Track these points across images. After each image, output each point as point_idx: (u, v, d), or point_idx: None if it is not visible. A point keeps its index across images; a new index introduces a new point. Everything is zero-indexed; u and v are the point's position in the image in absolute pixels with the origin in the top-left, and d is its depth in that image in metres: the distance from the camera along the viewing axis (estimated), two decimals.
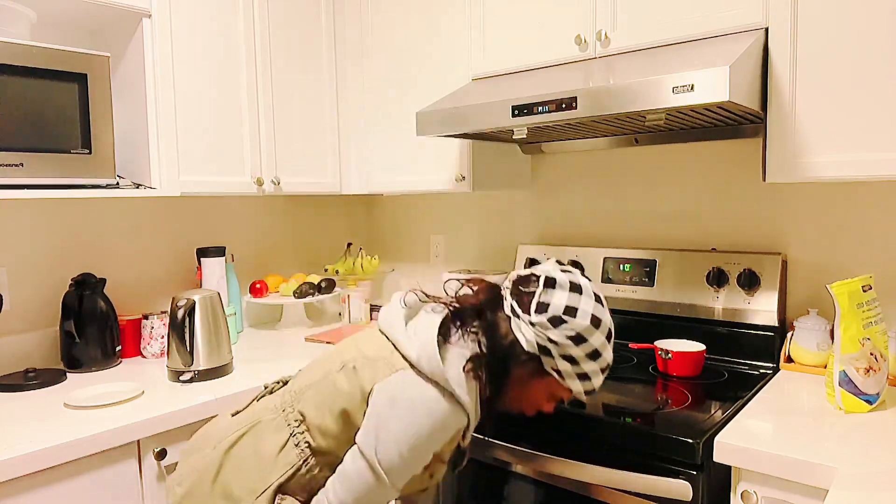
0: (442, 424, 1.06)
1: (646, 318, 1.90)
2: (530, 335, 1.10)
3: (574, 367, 1.10)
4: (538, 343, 1.10)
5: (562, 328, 1.08)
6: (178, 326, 1.64)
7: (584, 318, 1.09)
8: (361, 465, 1.06)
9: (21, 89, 1.45)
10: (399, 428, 1.05)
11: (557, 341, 1.09)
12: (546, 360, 1.11)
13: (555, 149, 2.12)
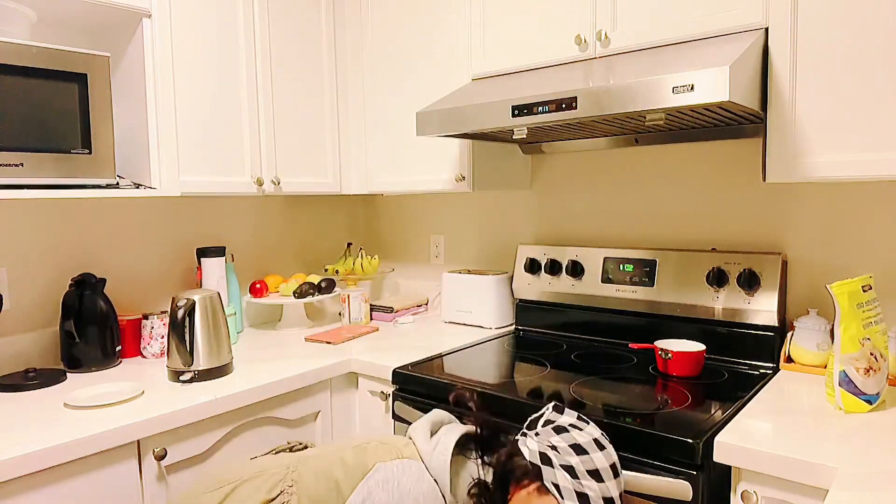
0: None
1: (646, 318, 1.90)
2: (533, 445, 1.11)
3: (574, 483, 1.08)
4: (540, 451, 1.10)
5: (564, 436, 1.11)
6: (178, 326, 1.64)
7: (588, 435, 1.12)
8: None
9: (21, 89, 1.45)
10: None
11: (558, 447, 1.10)
12: (546, 470, 1.09)
13: (555, 149, 2.12)
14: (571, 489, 1.07)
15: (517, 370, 1.75)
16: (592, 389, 1.54)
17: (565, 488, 1.07)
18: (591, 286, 2.00)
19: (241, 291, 2.28)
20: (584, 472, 1.08)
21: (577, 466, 1.08)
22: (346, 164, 2.30)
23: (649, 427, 1.29)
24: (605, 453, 1.11)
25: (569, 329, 2.08)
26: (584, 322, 2.04)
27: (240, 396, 1.58)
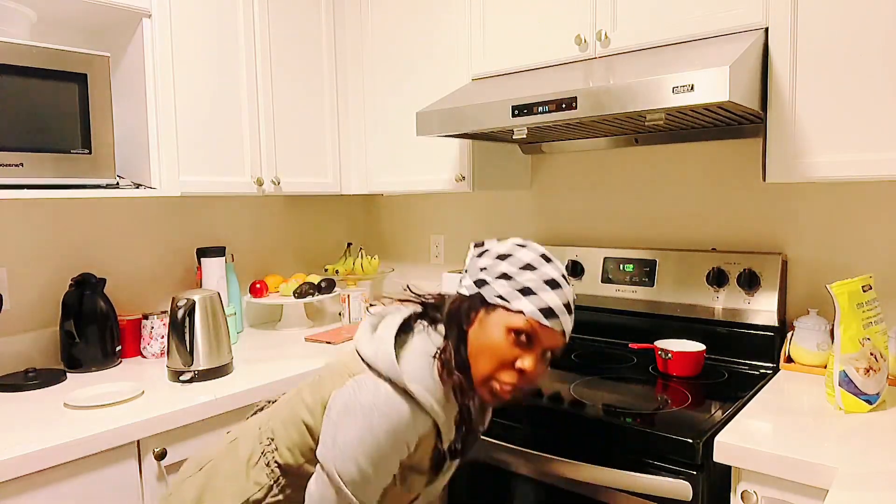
0: (400, 428, 0.98)
1: (646, 318, 1.90)
2: (467, 281, 1.07)
3: (511, 283, 1.02)
4: (474, 281, 1.06)
5: (488, 253, 1.07)
6: (178, 326, 1.64)
7: (510, 243, 1.08)
8: (322, 482, 1.00)
9: (21, 89, 1.45)
10: (354, 436, 0.97)
11: (486, 265, 1.06)
12: (485, 290, 1.04)
13: (555, 149, 2.12)
14: (512, 289, 1.02)
15: None
16: (592, 389, 1.54)
17: (508, 292, 1.02)
18: (591, 286, 2.00)
19: (241, 291, 2.28)
20: (517, 270, 1.03)
21: (510, 269, 1.04)
22: (346, 164, 2.30)
23: (649, 427, 1.29)
24: (530, 247, 1.07)
25: None
26: (584, 322, 2.04)
27: (240, 396, 1.58)
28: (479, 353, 1.03)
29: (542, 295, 1.02)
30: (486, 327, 1.03)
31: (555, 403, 1.45)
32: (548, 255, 1.07)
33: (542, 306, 1.01)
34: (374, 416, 0.97)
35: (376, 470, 0.98)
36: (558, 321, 1.02)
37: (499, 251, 1.07)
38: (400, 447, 0.99)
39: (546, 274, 1.03)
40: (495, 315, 1.03)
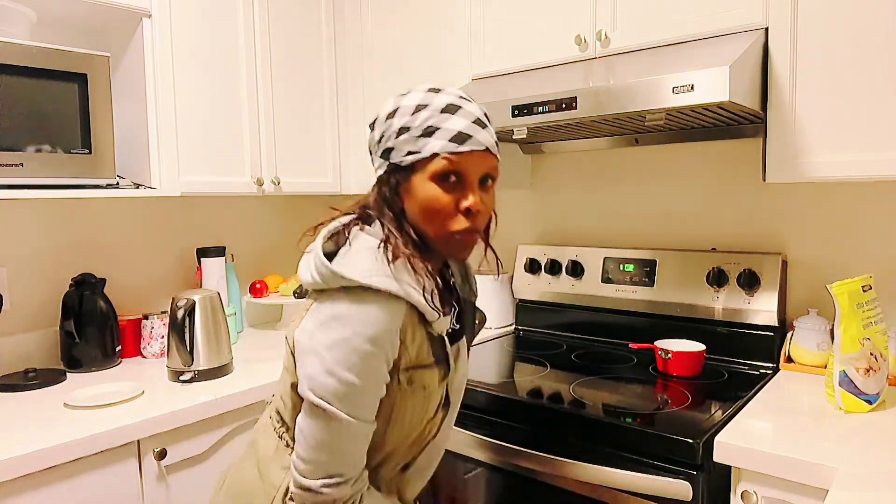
0: (371, 323, 0.89)
1: (646, 318, 1.90)
2: (376, 161, 1.00)
3: (411, 132, 0.94)
4: (377, 154, 1.00)
5: (377, 121, 1.00)
6: (178, 326, 1.64)
7: (391, 100, 1.00)
8: (306, 409, 0.92)
9: (21, 89, 1.45)
10: (324, 354, 0.90)
11: (382, 132, 0.98)
12: (394, 156, 0.97)
13: (555, 149, 2.12)
14: (414, 137, 0.95)
15: (517, 370, 1.75)
16: (592, 389, 1.54)
17: (413, 143, 0.95)
18: (591, 286, 2.00)
19: (241, 291, 2.28)
20: (409, 116, 0.95)
21: (402, 121, 0.96)
22: (346, 164, 2.30)
23: (649, 427, 1.29)
24: (409, 93, 0.99)
25: (569, 329, 2.08)
26: (584, 322, 2.04)
27: (240, 396, 1.58)
28: (422, 216, 0.97)
29: (445, 126, 0.94)
30: (414, 189, 0.96)
31: (555, 403, 1.45)
32: (435, 88, 0.98)
33: (450, 136, 0.93)
34: (334, 327, 0.90)
35: (362, 377, 0.89)
36: (475, 140, 0.94)
37: (389, 109, 0.98)
38: (381, 346, 0.90)
39: (439, 104, 0.95)
40: (416, 174, 0.96)
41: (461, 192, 0.96)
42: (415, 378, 0.96)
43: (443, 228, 0.97)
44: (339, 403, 0.89)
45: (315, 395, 0.90)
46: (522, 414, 1.46)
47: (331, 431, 0.90)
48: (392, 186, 0.98)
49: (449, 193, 0.96)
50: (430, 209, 0.96)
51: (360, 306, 0.90)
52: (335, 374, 0.89)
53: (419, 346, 0.96)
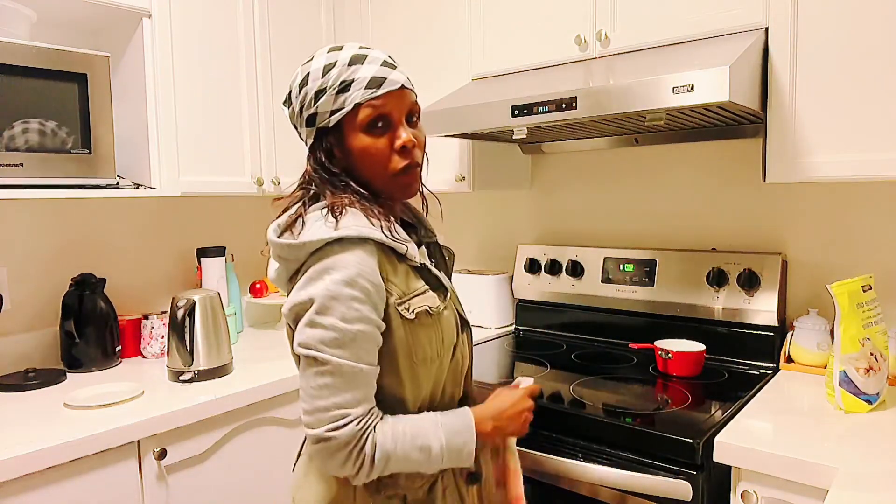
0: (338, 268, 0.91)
1: (646, 318, 1.90)
2: (303, 132, 1.02)
3: (328, 93, 0.97)
4: (302, 125, 1.01)
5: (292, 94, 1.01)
6: (178, 326, 1.64)
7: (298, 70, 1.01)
8: (301, 366, 0.94)
9: (21, 89, 1.45)
10: (307, 311, 0.92)
11: (301, 103, 0.99)
12: (318, 119, 0.99)
13: (555, 149, 2.12)
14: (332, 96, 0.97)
15: (517, 370, 1.75)
16: (592, 389, 1.54)
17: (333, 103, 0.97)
18: (591, 286, 2.00)
19: (241, 291, 2.28)
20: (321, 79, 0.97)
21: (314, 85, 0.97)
22: None
23: (649, 427, 1.29)
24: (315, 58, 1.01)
25: (569, 329, 2.08)
26: (584, 322, 2.04)
27: (240, 396, 1.58)
28: (363, 167, 1.00)
29: (357, 76, 0.96)
30: (349, 145, 0.99)
31: (555, 403, 1.45)
32: (335, 46, 1.00)
33: (366, 83, 0.96)
34: (313, 281, 0.92)
35: (346, 320, 0.90)
36: (390, 80, 0.98)
37: (299, 79, 1.00)
38: (359, 286, 0.91)
39: (345, 58, 0.97)
40: (346, 130, 0.98)
41: (392, 132, 0.99)
42: (413, 305, 0.98)
43: (385, 172, 1.00)
44: (326, 348, 0.90)
45: (303, 347, 0.92)
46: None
47: (324, 377, 0.91)
48: (326, 150, 1.00)
49: (381, 138, 0.99)
50: (368, 158, 0.99)
51: (328, 259, 0.92)
52: (318, 322, 0.91)
53: (404, 277, 0.99)
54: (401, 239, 0.98)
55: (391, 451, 0.92)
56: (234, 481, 1.60)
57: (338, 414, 0.90)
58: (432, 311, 1.00)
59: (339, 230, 0.93)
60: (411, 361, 0.98)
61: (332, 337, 0.90)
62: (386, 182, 1.01)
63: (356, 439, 0.90)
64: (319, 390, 0.91)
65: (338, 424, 0.90)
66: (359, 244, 0.94)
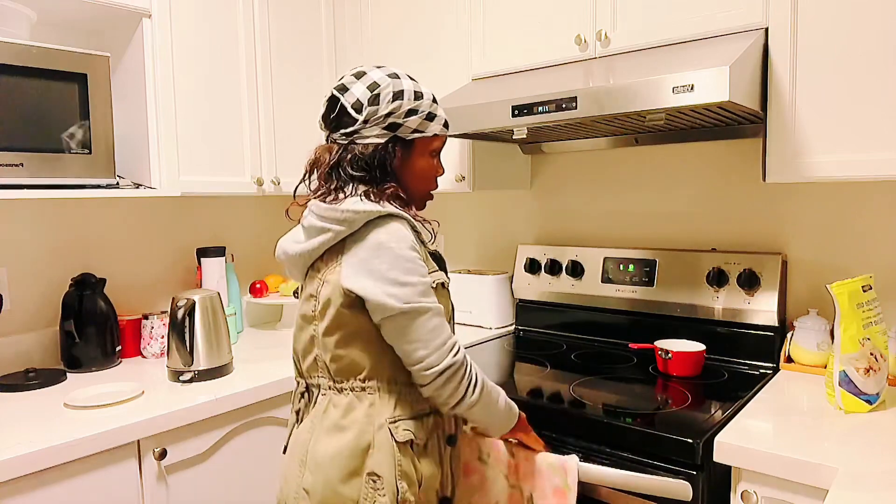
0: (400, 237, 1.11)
1: (646, 318, 1.90)
2: (373, 130, 1.17)
3: (419, 116, 1.19)
4: (382, 128, 1.17)
5: (380, 99, 1.16)
6: (178, 326, 1.64)
7: (382, 79, 1.18)
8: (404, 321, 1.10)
9: (21, 89, 1.45)
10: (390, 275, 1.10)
11: (391, 110, 1.16)
12: (401, 131, 1.18)
13: (555, 149, 2.12)
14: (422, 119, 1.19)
15: (517, 370, 1.75)
16: (592, 389, 1.54)
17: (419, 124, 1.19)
18: (591, 286, 2.00)
19: (241, 291, 2.28)
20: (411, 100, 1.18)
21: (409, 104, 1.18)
22: None
23: (649, 427, 1.29)
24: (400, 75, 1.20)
25: (569, 329, 2.08)
26: (584, 322, 2.04)
27: (240, 396, 1.58)
28: (418, 180, 1.24)
29: (438, 114, 1.23)
30: (413, 159, 1.22)
31: (555, 403, 1.45)
32: (411, 76, 1.23)
33: (442, 122, 1.24)
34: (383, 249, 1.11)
35: (419, 274, 1.11)
36: (448, 127, 1.26)
37: (391, 90, 1.17)
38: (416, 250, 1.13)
39: (429, 95, 1.22)
40: (416, 148, 1.21)
41: (438, 162, 1.28)
42: (435, 277, 1.19)
43: (427, 189, 1.28)
44: (422, 298, 1.11)
45: (404, 303, 1.09)
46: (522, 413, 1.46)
47: (432, 320, 1.11)
48: (390, 152, 1.18)
49: (432, 163, 1.26)
50: (426, 176, 1.25)
51: (387, 228, 1.12)
52: (405, 281, 1.10)
53: (426, 255, 1.20)
54: (422, 221, 1.21)
55: (484, 381, 1.17)
56: (234, 481, 1.60)
57: (451, 343, 1.13)
58: (446, 285, 1.23)
59: (386, 208, 1.13)
60: None
61: (421, 290, 1.11)
62: (422, 196, 1.28)
63: (467, 363, 1.14)
64: (432, 332, 1.11)
65: (455, 351, 1.12)
66: (401, 220, 1.15)
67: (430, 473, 1.17)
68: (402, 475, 1.12)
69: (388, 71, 1.19)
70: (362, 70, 1.20)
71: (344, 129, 1.19)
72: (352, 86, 1.18)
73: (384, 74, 1.18)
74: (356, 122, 1.17)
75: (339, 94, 1.20)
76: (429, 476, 1.16)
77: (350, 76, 1.20)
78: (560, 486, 1.30)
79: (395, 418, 1.15)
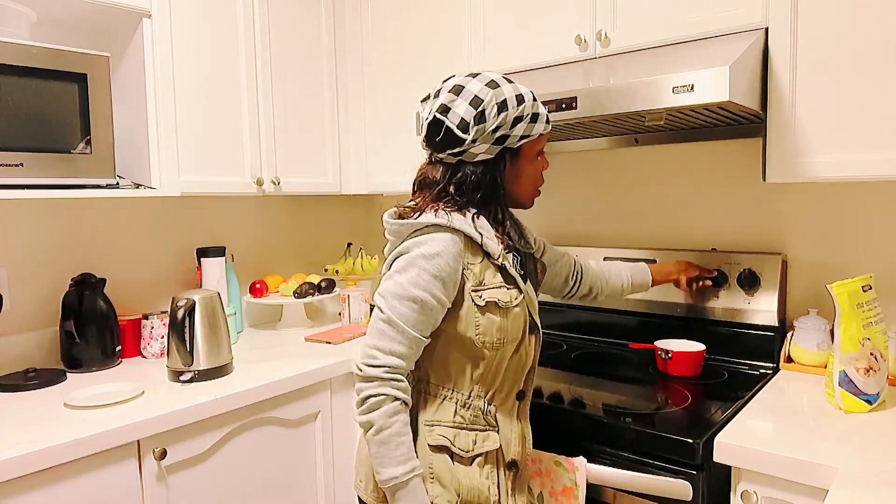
0: (426, 245, 1.10)
1: (646, 318, 1.90)
2: (482, 147, 1.14)
3: (525, 121, 1.15)
4: (491, 144, 1.15)
5: (486, 115, 1.13)
6: (178, 326, 1.64)
7: (483, 91, 1.13)
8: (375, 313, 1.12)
9: (21, 89, 1.45)
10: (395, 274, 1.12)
11: (498, 123, 1.13)
12: (509, 142, 1.16)
13: (555, 149, 2.12)
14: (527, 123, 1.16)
15: None
16: (592, 389, 1.54)
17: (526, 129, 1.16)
18: None
19: (241, 291, 2.28)
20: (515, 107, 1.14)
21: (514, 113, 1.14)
22: (346, 164, 2.30)
23: (649, 427, 1.29)
24: (498, 79, 1.16)
25: (569, 329, 2.08)
26: (584, 322, 2.04)
27: (240, 396, 1.58)
28: (528, 184, 1.23)
29: (540, 111, 1.18)
30: (523, 164, 1.20)
31: (555, 403, 1.45)
32: (507, 77, 1.19)
33: (545, 119, 1.19)
34: (405, 256, 1.12)
35: (418, 287, 1.08)
36: (549, 119, 1.22)
37: (494, 102, 1.13)
38: (436, 263, 1.09)
39: (529, 93, 1.17)
40: (522, 153, 1.19)
41: (543, 159, 1.26)
42: (485, 295, 1.14)
43: (535, 187, 1.26)
44: (390, 299, 1.10)
45: (377, 294, 1.12)
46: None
47: (379, 322, 1.10)
48: (501, 168, 1.18)
49: (539, 162, 1.24)
50: (535, 178, 1.25)
51: (422, 237, 1.12)
52: (393, 277, 1.11)
53: (483, 269, 1.15)
54: (487, 236, 1.15)
55: (383, 424, 1.08)
56: (234, 481, 1.60)
57: (373, 353, 1.09)
58: (501, 303, 1.15)
59: (438, 219, 1.12)
60: (476, 341, 1.14)
61: (397, 292, 1.09)
62: (530, 194, 1.26)
63: (375, 380, 1.08)
64: (372, 331, 1.11)
65: (368, 362, 1.09)
66: (449, 231, 1.12)
67: (472, 487, 1.15)
68: (433, 477, 1.14)
69: (485, 80, 1.15)
70: (459, 84, 1.15)
71: (451, 150, 1.15)
72: (453, 104, 1.13)
73: (483, 85, 1.14)
74: (464, 141, 1.14)
75: (442, 117, 1.14)
76: (469, 489, 1.14)
77: (448, 93, 1.15)
78: (569, 485, 1.30)
79: (433, 422, 1.16)
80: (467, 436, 1.16)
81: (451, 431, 1.16)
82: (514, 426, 1.22)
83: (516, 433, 1.22)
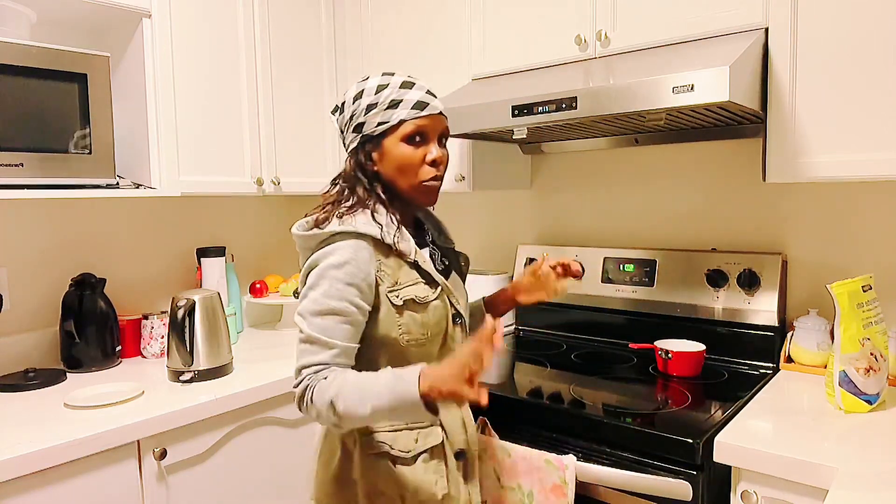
0: (332, 255, 1.08)
1: (646, 318, 1.90)
2: (349, 137, 1.18)
3: (379, 106, 1.14)
4: (351, 132, 1.17)
5: (346, 105, 1.17)
6: (178, 326, 1.64)
7: (353, 86, 1.18)
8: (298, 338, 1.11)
9: (21, 89, 1.45)
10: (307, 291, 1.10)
11: (352, 111, 1.16)
12: (366, 129, 1.15)
13: (555, 149, 2.12)
14: (382, 110, 1.14)
15: (517, 370, 1.75)
16: (592, 389, 1.54)
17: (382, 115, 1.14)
18: (591, 286, 2.00)
19: (241, 291, 2.28)
20: (373, 95, 1.14)
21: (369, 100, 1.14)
22: None
23: (649, 427, 1.29)
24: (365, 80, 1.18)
25: (569, 329, 2.08)
26: (584, 322, 2.04)
27: (240, 396, 1.58)
28: (397, 172, 1.16)
29: (406, 98, 1.14)
30: (387, 151, 1.16)
31: (555, 403, 1.45)
32: (388, 72, 1.18)
33: (412, 105, 1.14)
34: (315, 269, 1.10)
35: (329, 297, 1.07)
36: (432, 106, 1.16)
37: (354, 93, 1.17)
38: (346, 271, 1.08)
39: (397, 82, 1.15)
40: (386, 140, 1.15)
41: (426, 147, 1.17)
42: (402, 294, 1.13)
43: (415, 178, 1.17)
44: (309, 316, 1.08)
45: (297, 314, 1.10)
46: (522, 414, 1.46)
47: (302, 342, 1.09)
48: (366, 153, 1.17)
49: (417, 150, 1.16)
50: (403, 164, 1.16)
51: (329, 247, 1.10)
52: (307, 294, 1.09)
53: (397, 269, 1.14)
54: (396, 237, 1.13)
55: (334, 394, 1.02)
56: (234, 481, 1.60)
57: (301, 372, 1.07)
58: (419, 299, 1.14)
59: (342, 226, 1.11)
60: (400, 341, 1.13)
61: (314, 309, 1.08)
62: (413, 187, 1.17)
63: (307, 390, 1.05)
64: (297, 353, 1.09)
65: (298, 380, 1.07)
66: (355, 237, 1.11)
67: (416, 486, 1.14)
68: (377, 493, 1.13)
69: (376, 76, 1.17)
70: None
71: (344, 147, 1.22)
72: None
73: (361, 80, 1.18)
74: (342, 135, 1.21)
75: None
76: (414, 489, 1.14)
77: None
78: (558, 482, 1.31)
79: (370, 430, 1.15)
80: (408, 436, 1.15)
81: (390, 435, 1.15)
82: (454, 416, 1.22)
83: (457, 422, 1.22)
